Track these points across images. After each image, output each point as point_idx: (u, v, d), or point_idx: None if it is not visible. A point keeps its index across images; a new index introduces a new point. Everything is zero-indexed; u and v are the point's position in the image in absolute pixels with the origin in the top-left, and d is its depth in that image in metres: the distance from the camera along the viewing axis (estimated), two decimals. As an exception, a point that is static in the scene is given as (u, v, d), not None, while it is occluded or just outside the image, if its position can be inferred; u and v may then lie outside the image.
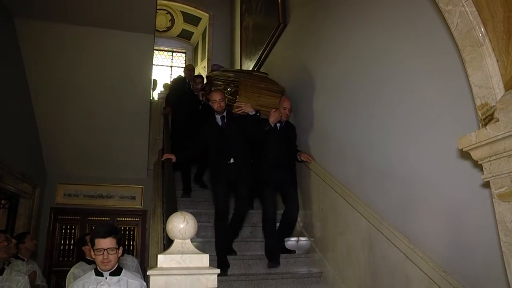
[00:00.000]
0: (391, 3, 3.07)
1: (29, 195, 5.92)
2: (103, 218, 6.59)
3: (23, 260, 3.99)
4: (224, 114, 4.26)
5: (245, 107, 4.27)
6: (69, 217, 6.56)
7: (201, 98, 6.01)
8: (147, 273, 1.83)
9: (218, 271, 1.91)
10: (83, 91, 5.84)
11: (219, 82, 5.10)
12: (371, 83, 3.31)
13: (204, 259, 1.94)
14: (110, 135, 6.30)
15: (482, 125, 1.72)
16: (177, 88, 6.74)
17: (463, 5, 1.76)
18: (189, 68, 7.12)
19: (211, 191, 4.58)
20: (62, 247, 6.42)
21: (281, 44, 6.00)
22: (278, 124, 4.37)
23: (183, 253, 1.93)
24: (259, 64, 6.92)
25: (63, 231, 6.50)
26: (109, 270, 2.49)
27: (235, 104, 4.32)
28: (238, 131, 4.21)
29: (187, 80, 6.78)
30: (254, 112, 4.26)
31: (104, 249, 2.43)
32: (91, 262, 3.66)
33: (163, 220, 4.41)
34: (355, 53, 3.61)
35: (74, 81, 5.71)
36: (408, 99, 2.78)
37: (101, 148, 6.37)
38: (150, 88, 6.47)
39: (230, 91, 4.55)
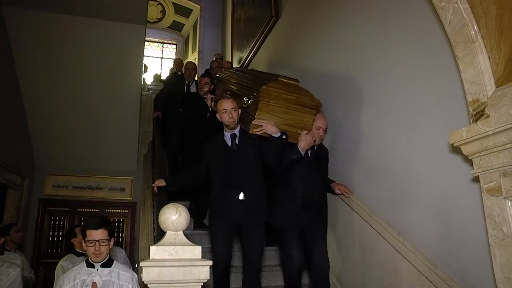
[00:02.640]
0: (385, -2, 3.10)
1: (17, 186, 5.85)
2: (92, 210, 6.55)
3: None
4: (236, 131, 3.18)
5: (268, 127, 3.00)
6: (58, 208, 6.50)
7: (209, 104, 4.60)
8: (140, 265, 1.83)
9: (211, 263, 1.91)
10: (73, 81, 5.77)
11: (232, 87, 3.89)
12: (364, 78, 3.33)
13: (196, 251, 1.94)
14: (100, 126, 6.25)
15: (473, 121, 1.75)
16: (171, 88, 5.89)
17: (457, 2, 1.78)
18: (189, 67, 5.91)
19: (208, 235, 3.55)
20: (50, 239, 6.37)
21: (273, 38, 5.99)
22: (309, 150, 3.28)
23: (175, 244, 1.93)
24: (250, 56, 6.92)
25: (52, 222, 6.45)
26: (100, 262, 2.48)
27: (253, 122, 3.05)
28: (253, 156, 3.13)
29: (186, 82, 5.80)
30: (279, 134, 3.00)
31: (96, 241, 2.42)
32: (80, 254, 3.63)
33: (154, 212, 4.41)
34: (349, 48, 3.63)
35: (64, 72, 5.63)
36: (401, 94, 2.81)
37: (91, 139, 6.32)
38: (141, 79, 6.42)
39: (246, 101, 3.27)
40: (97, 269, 2.47)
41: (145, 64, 8.88)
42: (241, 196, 3.04)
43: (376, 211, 2.97)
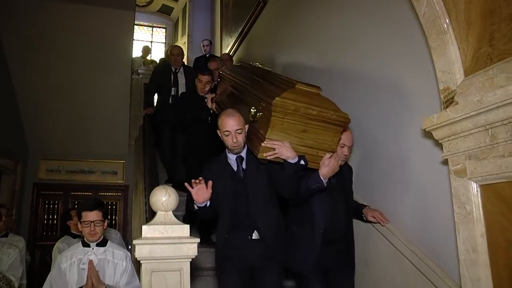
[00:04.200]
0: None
1: (11, 171, 5.93)
2: (85, 193, 6.65)
3: None
4: (243, 153, 2.57)
5: (282, 150, 2.32)
6: (52, 192, 6.62)
7: (210, 105, 3.81)
8: (133, 243, 1.96)
9: (198, 240, 2.04)
10: (64, 66, 5.80)
11: (235, 91, 3.16)
12: (345, 64, 3.43)
13: (185, 229, 2.07)
14: (92, 110, 6.31)
15: (443, 108, 1.88)
16: (159, 79, 5.32)
17: (429, -5, 1.89)
18: (174, 52, 5.24)
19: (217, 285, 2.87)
20: (45, 222, 6.50)
21: (261, 22, 6.03)
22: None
23: (165, 224, 2.06)
24: (238, 41, 6.95)
25: (46, 206, 6.57)
26: (95, 241, 2.61)
27: (263, 144, 2.37)
28: (267, 184, 2.54)
29: (172, 69, 5.22)
30: (296, 159, 2.33)
31: (91, 222, 2.55)
32: (76, 236, 3.76)
33: (145, 195, 4.54)
34: (333, 34, 3.71)
35: (55, 57, 5.67)
36: (380, 81, 2.93)
37: (83, 124, 6.38)
38: (130, 63, 6.44)
39: (254, 113, 2.55)
40: (93, 248, 2.60)
41: (147, 46, 8.85)
42: (255, 235, 2.49)
43: (356, 192, 3.11)
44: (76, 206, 5.86)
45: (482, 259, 1.62)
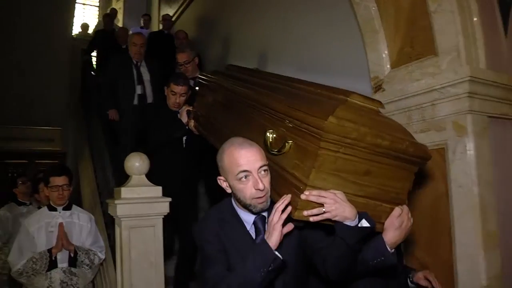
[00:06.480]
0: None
1: None
2: (21, 161, 6.49)
3: None
4: (266, 213, 1.48)
5: (336, 206, 1.29)
6: (-16, 159, 6.38)
7: (185, 120, 2.86)
8: (114, 203, 2.23)
9: (170, 199, 2.37)
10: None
11: (227, 104, 2.14)
12: (293, 54, 3.77)
13: (158, 190, 2.39)
14: (27, 74, 6.10)
15: (373, 92, 2.36)
16: (116, 73, 4.13)
17: (367, 0, 2.32)
18: (137, 43, 4.09)
19: None
20: (-21, 190, 6.27)
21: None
22: None
23: (140, 186, 2.36)
24: (178, 13, 6.79)
25: (-21, 174, 6.33)
26: (62, 205, 2.73)
27: (303, 196, 1.33)
28: (298, 257, 1.52)
29: (134, 61, 4.13)
30: (356, 221, 1.30)
31: (60, 186, 2.66)
32: (21, 203, 3.81)
33: (93, 162, 4.68)
34: (282, 25, 3.98)
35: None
36: (323, 68, 3.34)
37: (17, 88, 6.16)
38: (72, 27, 6.29)
39: (271, 141, 1.53)
40: (59, 212, 2.71)
41: (86, 24, 8.24)
42: None
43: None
44: (14, 174, 5.79)
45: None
